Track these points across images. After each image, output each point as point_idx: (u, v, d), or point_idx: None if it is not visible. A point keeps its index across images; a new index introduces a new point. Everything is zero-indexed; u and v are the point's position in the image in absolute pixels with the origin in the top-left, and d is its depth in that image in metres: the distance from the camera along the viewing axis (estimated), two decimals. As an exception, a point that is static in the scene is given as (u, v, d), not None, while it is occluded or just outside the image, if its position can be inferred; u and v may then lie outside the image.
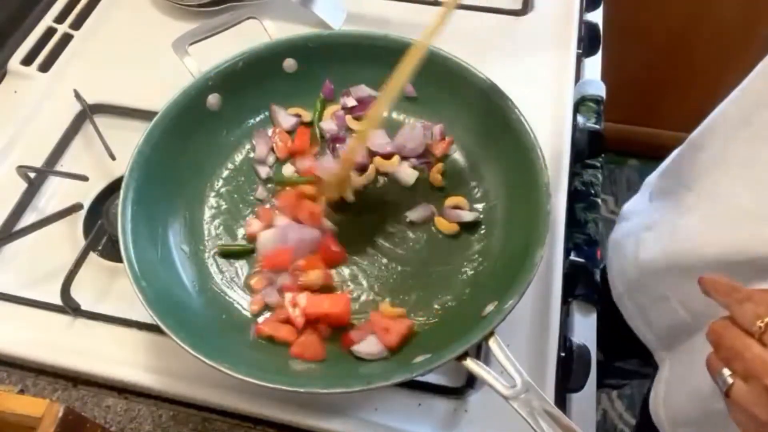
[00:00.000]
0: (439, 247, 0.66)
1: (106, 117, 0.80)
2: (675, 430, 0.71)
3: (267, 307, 0.62)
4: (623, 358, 0.88)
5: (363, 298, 0.63)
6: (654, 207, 0.78)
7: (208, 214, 0.68)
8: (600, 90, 0.87)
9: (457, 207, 0.68)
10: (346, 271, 0.65)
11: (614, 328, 0.80)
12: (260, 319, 0.62)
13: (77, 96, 0.79)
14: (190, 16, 0.90)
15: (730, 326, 0.44)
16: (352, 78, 0.73)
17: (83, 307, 0.65)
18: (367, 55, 0.71)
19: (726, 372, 0.44)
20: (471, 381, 0.61)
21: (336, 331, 0.60)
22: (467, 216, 0.66)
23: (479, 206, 0.68)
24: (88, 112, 0.78)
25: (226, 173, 0.71)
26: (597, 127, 0.82)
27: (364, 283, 0.64)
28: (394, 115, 0.74)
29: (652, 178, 0.84)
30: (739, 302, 0.44)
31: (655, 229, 0.74)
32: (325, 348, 0.59)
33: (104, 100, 0.81)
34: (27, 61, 0.86)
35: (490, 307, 0.56)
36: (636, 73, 1.59)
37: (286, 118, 0.74)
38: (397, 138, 0.71)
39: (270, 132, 0.73)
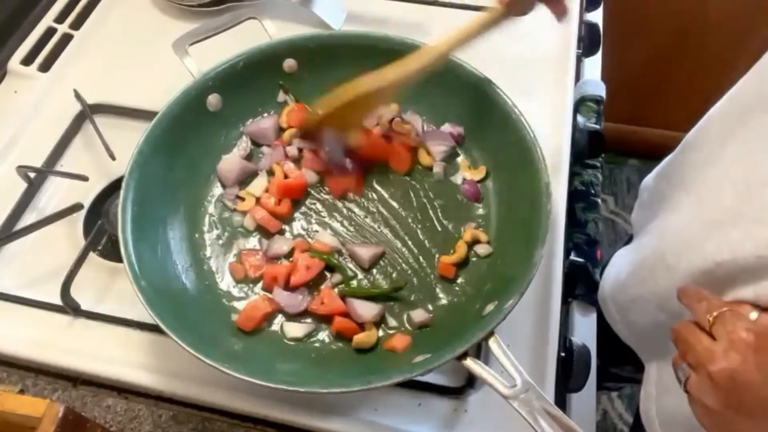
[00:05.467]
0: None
1: (106, 117, 0.80)
2: None
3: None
4: (618, 365, 0.88)
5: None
6: (650, 209, 0.78)
7: (208, 212, 0.68)
8: (600, 90, 0.86)
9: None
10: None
11: (610, 335, 0.81)
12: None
13: (77, 96, 0.79)
14: (190, 16, 0.90)
15: (688, 324, 0.48)
16: (351, 79, 0.73)
17: (83, 307, 0.65)
18: (367, 56, 0.71)
19: (685, 366, 0.47)
20: (471, 381, 0.61)
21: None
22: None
23: (479, 206, 0.68)
24: (88, 112, 0.78)
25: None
26: (597, 127, 0.82)
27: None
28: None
29: (648, 181, 0.84)
30: (698, 301, 0.49)
31: (651, 231, 0.74)
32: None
33: (104, 100, 0.81)
34: (27, 61, 0.86)
35: (490, 307, 0.56)
36: (636, 73, 1.59)
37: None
38: None
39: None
